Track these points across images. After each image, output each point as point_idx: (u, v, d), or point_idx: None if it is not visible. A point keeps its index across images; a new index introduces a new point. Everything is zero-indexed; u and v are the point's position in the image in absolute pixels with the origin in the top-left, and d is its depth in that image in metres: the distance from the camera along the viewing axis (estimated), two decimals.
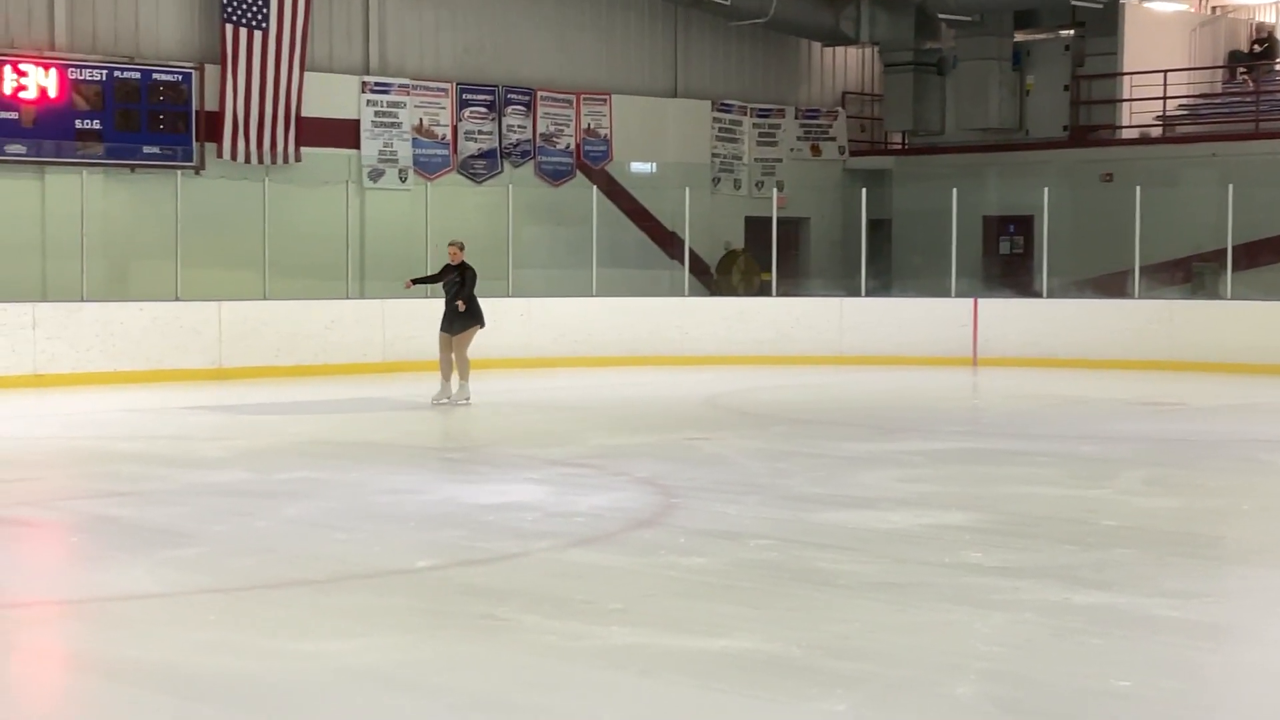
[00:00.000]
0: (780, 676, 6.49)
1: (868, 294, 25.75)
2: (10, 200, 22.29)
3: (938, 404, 18.95)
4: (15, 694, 6.56)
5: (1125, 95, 29.32)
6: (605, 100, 28.55)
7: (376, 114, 26.04)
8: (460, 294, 18.18)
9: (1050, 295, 25.28)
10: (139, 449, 14.26)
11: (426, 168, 26.48)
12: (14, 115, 22.56)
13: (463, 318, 18.19)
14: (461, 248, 18.56)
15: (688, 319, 25.33)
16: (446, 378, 18.11)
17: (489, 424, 16.82)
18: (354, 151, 25.92)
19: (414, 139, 26.41)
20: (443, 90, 26.73)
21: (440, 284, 18.75)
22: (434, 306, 23.80)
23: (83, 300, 21.21)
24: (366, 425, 16.48)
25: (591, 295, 25.15)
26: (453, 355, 18.17)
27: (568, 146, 28.11)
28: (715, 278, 29.26)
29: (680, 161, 29.32)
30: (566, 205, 27.29)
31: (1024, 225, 28.90)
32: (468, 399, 18.08)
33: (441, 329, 18.34)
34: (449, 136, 26.82)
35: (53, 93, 22.81)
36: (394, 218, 25.86)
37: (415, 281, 19.17)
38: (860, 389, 20.95)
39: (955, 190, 25.63)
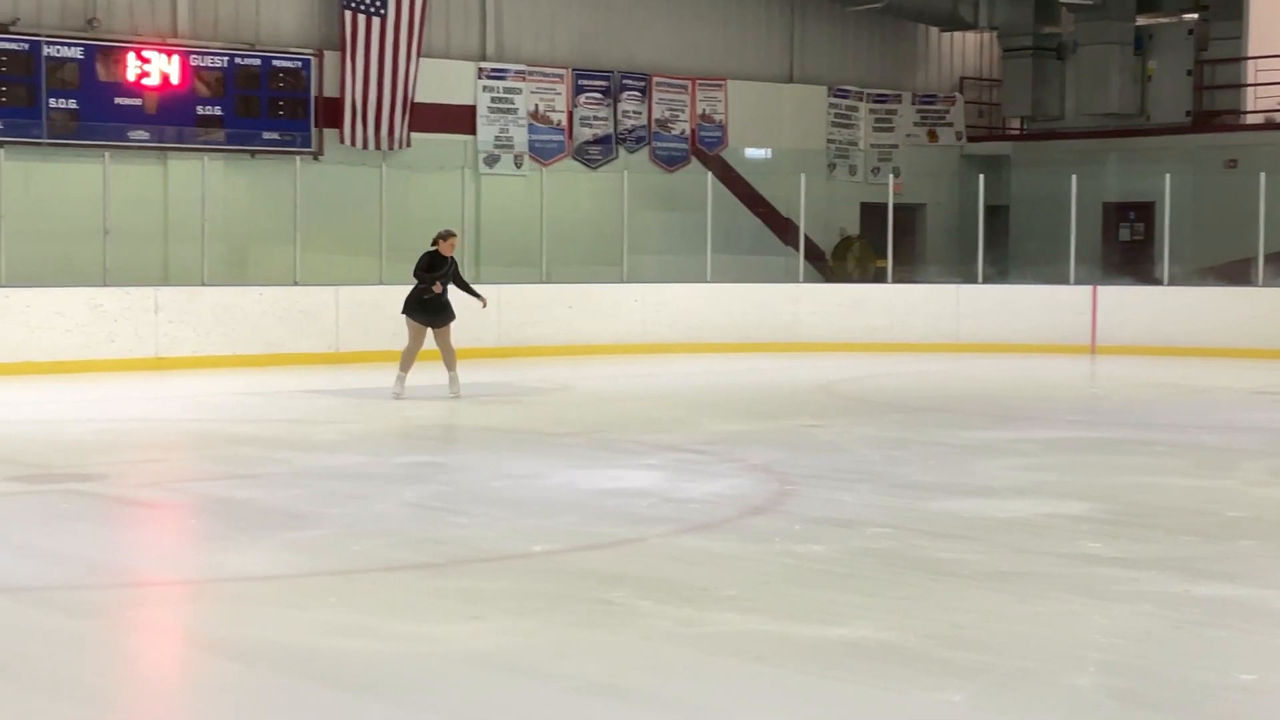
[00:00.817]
0: (896, 665, 6.45)
1: (984, 281, 25.51)
2: (133, 186, 22.60)
3: (1055, 392, 18.75)
4: (137, 672, 6.66)
5: (1250, 80, 28.82)
6: (721, 86, 28.49)
7: (493, 100, 26.15)
8: (460, 285, 17.77)
9: (1171, 283, 24.90)
10: (258, 432, 14.42)
11: (542, 153, 26.56)
12: (137, 102, 22.89)
13: (450, 309, 17.58)
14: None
15: (802, 305, 25.23)
16: (407, 369, 17.37)
17: (604, 410, 16.84)
18: (470, 137, 26.06)
19: (529, 125, 26.50)
20: (558, 76, 26.80)
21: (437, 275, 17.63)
22: (547, 293, 23.94)
23: (203, 284, 21.49)
24: (483, 410, 16.56)
25: (706, 281, 25.11)
26: (439, 347, 17.47)
27: (683, 132, 28.09)
28: (830, 264, 29.13)
29: (796, 147, 29.20)
30: (681, 191, 27.27)
31: (1144, 212, 28.51)
32: (457, 393, 17.24)
33: (420, 320, 17.53)
34: (564, 122, 26.88)
35: (175, 80, 23.11)
36: (509, 203, 25.98)
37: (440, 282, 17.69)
38: (976, 377, 20.78)
39: (1074, 176, 25.31)
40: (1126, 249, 28.89)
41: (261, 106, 23.91)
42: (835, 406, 17.10)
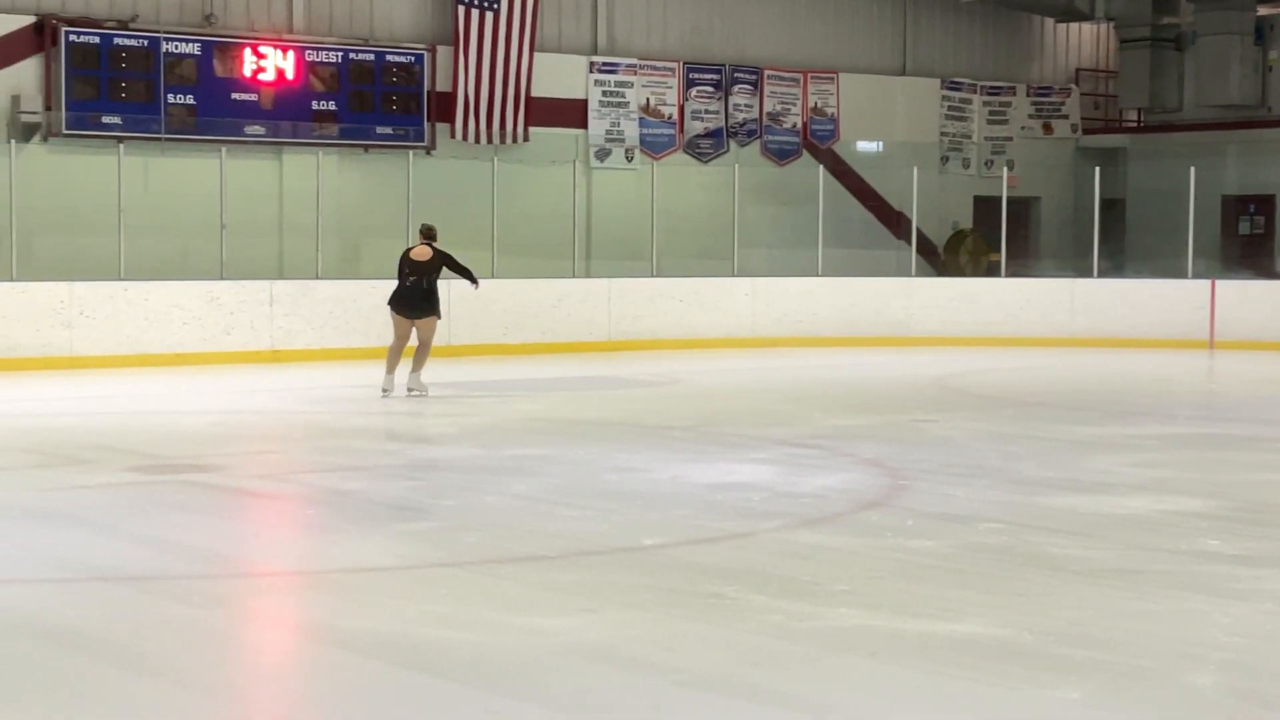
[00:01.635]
0: (1010, 663, 6.37)
1: (1100, 275, 25.22)
2: (249, 180, 22.86)
3: (1173, 388, 18.49)
4: (251, 660, 6.72)
5: None
6: (832, 79, 28.37)
7: (604, 94, 26.19)
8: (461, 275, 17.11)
9: None
10: (371, 424, 14.53)
11: (653, 147, 26.57)
12: (253, 97, 23.15)
13: (433, 301, 16.94)
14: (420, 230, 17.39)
15: (913, 300, 25.06)
16: (392, 367, 16.68)
17: (715, 403, 16.81)
18: (581, 131, 26.13)
19: (640, 118, 26.52)
20: (670, 70, 26.79)
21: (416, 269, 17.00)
22: (658, 286, 23.94)
23: (317, 278, 21.70)
24: (593, 403, 16.59)
25: (816, 275, 25.01)
26: (416, 342, 16.80)
27: (794, 125, 27.99)
28: (942, 258, 28.92)
29: (908, 140, 29.03)
30: (792, 185, 27.18)
31: (1265, 204, 28.08)
32: (425, 390, 16.56)
33: (404, 314, 16.87)
34: (675, 116, 26.87)
35: (290, 75, 23.35)
36: (620, 197, 26.02)
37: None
38: (1092, 372, 20.53)
39: (1192, 169, 24.95)
40: (1246, 242, 28.46)
41: (375, 101, 24.10)
42: (948, 401, 16.97)
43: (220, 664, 6.49)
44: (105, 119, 22.25)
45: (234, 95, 23.06)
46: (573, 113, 26.05)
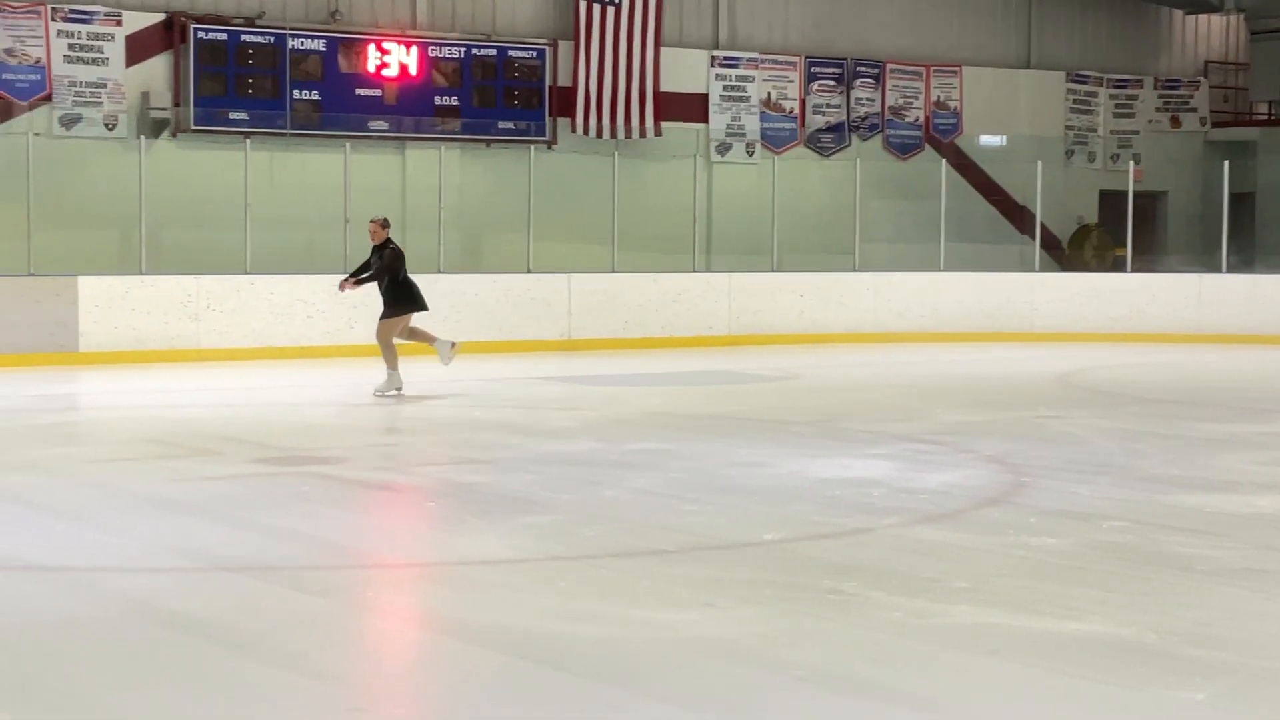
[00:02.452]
0: (1134, 663, 6.29)
1: (1228, 270, 24.82)
2: (373, 175, 23.07)
3: None
4: (371, 650, 6.78)
5: None
6: (956, 72, 28.14)
7: (725, 88, 26.16)
8: (376, 276, 16.17)
9: None
10: (492, 417, 14.61)
11: (774, 141, 26.51)
12: (377, 93, 23.37)
13: (388, 303, 16.18)
14: (384, 224, 16.34)
15: (1037, 295, 24.80)
16: (393, 364, 16.10)
17: (834, 398, 16.74)
18: (702, 125, 26.11)
19: (762, 113, 26.46)
20: (791, 64, 26.71)
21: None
22: (778, 281, 23.88)
23: (439, 272, 21.85)
24: (712, 398, 16.58)
25: (939, 270, 24.83)
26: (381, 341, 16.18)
27: (917, 119, 27.81)
28: (1067, 253, 28.59)
29: (1032, 134, 28.72)
30: (914, 179, 27.00)
31: None
32: (399, 389, 15.96)
33: (418, 307, 16.47)
34: (797, 110, 26.79)
35: (413, 70, 23.54)
36: (741, 191, 25.99)
37: (356, 281, 16.45)
38: (1219, 368, 20.21)
39: None
40: None
41: (497, 96, 24.24)
42: (1071, 397, 16.77)
43: (341, 654, 6.55)
44: (232, 115, 22.55)
45: (358, 91, 23.29)
46: (694, 107, 26.04)
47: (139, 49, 22.21)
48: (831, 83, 27.05)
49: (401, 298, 16.14)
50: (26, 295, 19.26)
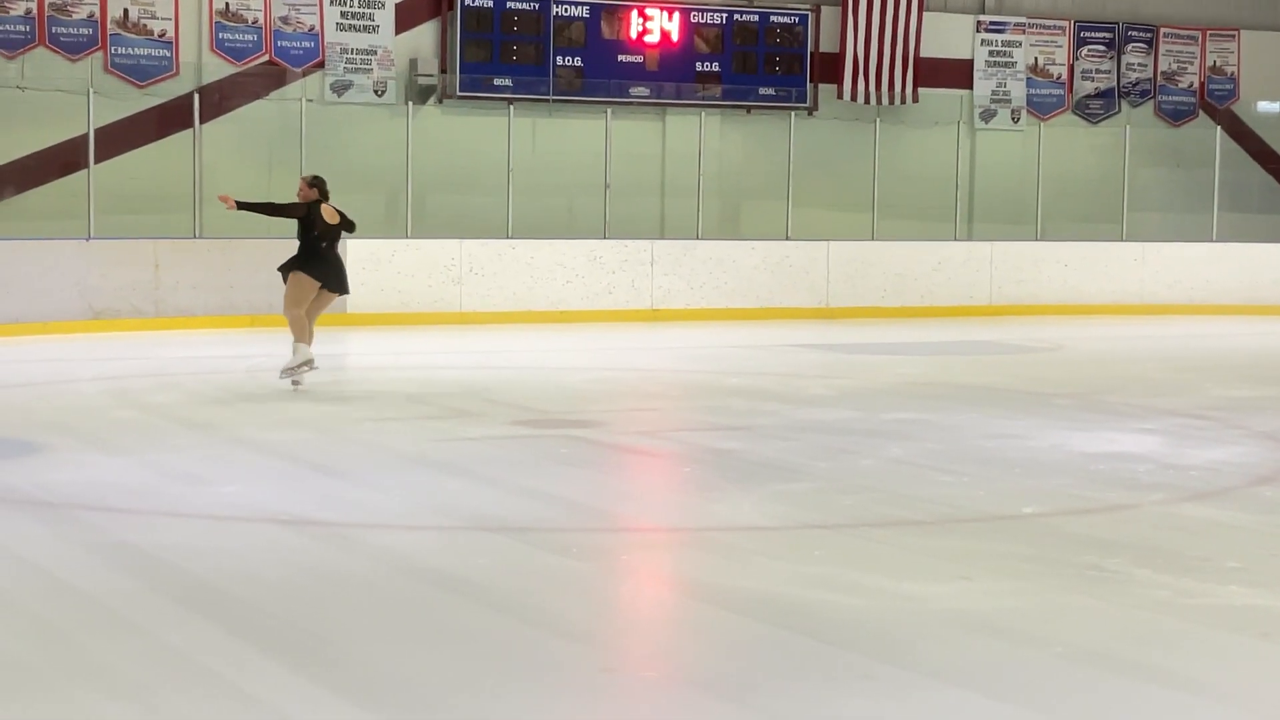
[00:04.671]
0: None
1: None
2: (633, 141, 23.17)
3: None
4: (626, 613, 6.81)
5: None
6: (1233, 36, 27.22)
7: (990, 54, 25.70)
8: (273, 210, 13.68)
9: None
10: (748, 384, 14.58)
11: (1040, 108, 25.97)
12: (639, 59, 23.45)
13: (296, 258, 13.64)
14: (311, 183, 13.75)
15: None
16: (303, 336, 13.47)
17: (1099, 371, 16.35)
18: (965, 92, 25.69)
19: (1028, 79, 25.94)
20: (1059, 28, 26.12)
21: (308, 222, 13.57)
22: (1042, 250, 23.40)
23: (697, 238, 21.90)
24: (972, 368, 16.33)
25: (1211, 240, 24.11)
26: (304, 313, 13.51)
27: (1190, 85, 26.99)
28: None
29: None
30: (1187, 146, 26.25)
31: None
32: (309, 363, 13.40)
33: (313, 275, 13.57)
34: (1064, 76, 26.20)
35: (675, 37, 23.57)
36: (1005, 159, 25.52)
37: (242, 205, 13.53)
38: None
39: None
40: None
41: (758, 62, 24.15)
42: None
43: (596, 615, 6.59)
44: (496, 81, 22.84)
45: (620, 57, 23.40)
46: (958, 73, 25.63)
47: (408, 16, 22.61)
48: (1101, 48, 26.39)
49: (312, 261, 13.53)
50: None
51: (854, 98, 24.45)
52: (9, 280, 18.23)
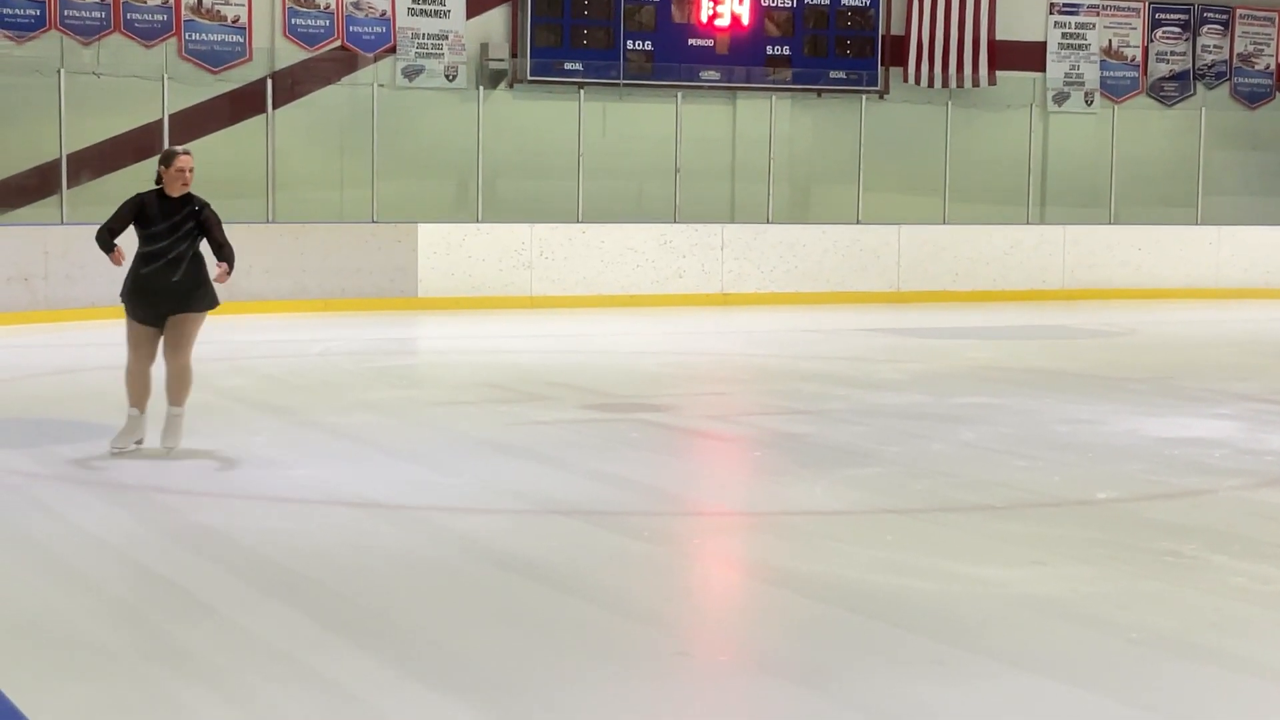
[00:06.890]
0: None
1: None
2: (703, 125, 23.13)
3: None
4: (698, 596, 6.82)
5: None
6: None
7: (1063, 36, 25.49)
8: (197, 245, 9.56)
9: None
10: (819, 368, 14.55)
11: (1114, 90, 25.74)
12: (709, 43, 23.40)
13: (204, 288, 9.60)
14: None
15: None
16: (144, 399, 9.62)
17: (1173, 355, 16.21)
18: (1038, 74, 25.49)
19: (1101, 61, 25.71)
20: (1134, 10, 25.88)
21: (148, 229, 9.49)
22: (1115, 234, 23.19)
23: (767, 222, 21.85)
24: (1045, 352, 16.22)
25: None
26: (166, 357, 9.62)
27: (1267, 67, 26.67)
28: None
29: None
30: (1264, 129, 25.97)
31: None
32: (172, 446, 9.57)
33: (139, 315, 9.58)
34: (1139, 58, 25.95)
35: (745, 20, 23.49)
36: (1078, 142, 25.31)
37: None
38: None
39: None
40: None
41: (829, 46, 24.05)
42: None
43: (668, 599, 6.59)
44: (567, 65, 22.85)
45: (690, 41, 23.36)
46: (1030, 55, 25.42)
47: (478, 1, 22.64)
48: (1177, 29, 26.12)
49: (192, 287, 9.58)
50: (370, 242, 19.87)
51: (918, 81, 24.30)
52: (86, 265, 18.38)
